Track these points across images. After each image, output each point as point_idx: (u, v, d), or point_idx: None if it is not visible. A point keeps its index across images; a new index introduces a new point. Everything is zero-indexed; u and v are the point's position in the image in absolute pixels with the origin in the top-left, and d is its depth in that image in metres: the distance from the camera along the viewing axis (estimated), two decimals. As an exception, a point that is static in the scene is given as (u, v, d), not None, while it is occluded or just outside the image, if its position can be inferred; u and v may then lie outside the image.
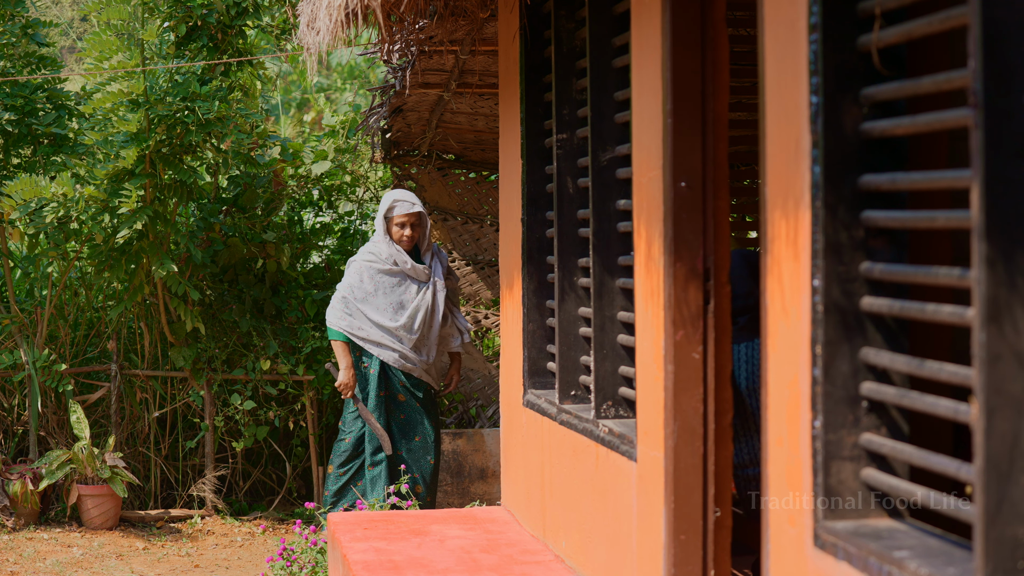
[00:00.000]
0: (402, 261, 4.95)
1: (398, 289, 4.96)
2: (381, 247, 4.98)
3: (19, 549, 5.39)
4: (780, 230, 2.00)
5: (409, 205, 4.99)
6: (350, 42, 3.64)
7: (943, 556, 1.65)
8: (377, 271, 4.97)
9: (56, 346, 6.12)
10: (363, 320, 4.97)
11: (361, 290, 4.97)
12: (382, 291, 4.96)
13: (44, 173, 5.85)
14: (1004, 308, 1.45)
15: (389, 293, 4.96)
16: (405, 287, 4.97)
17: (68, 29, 10.66)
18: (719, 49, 2.57)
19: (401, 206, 4.99)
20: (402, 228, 4.97)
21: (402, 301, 4.97)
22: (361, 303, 4.97)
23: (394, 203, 4.98)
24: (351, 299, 4.99)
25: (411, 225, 4.98)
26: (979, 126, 1.45)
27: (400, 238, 4.96)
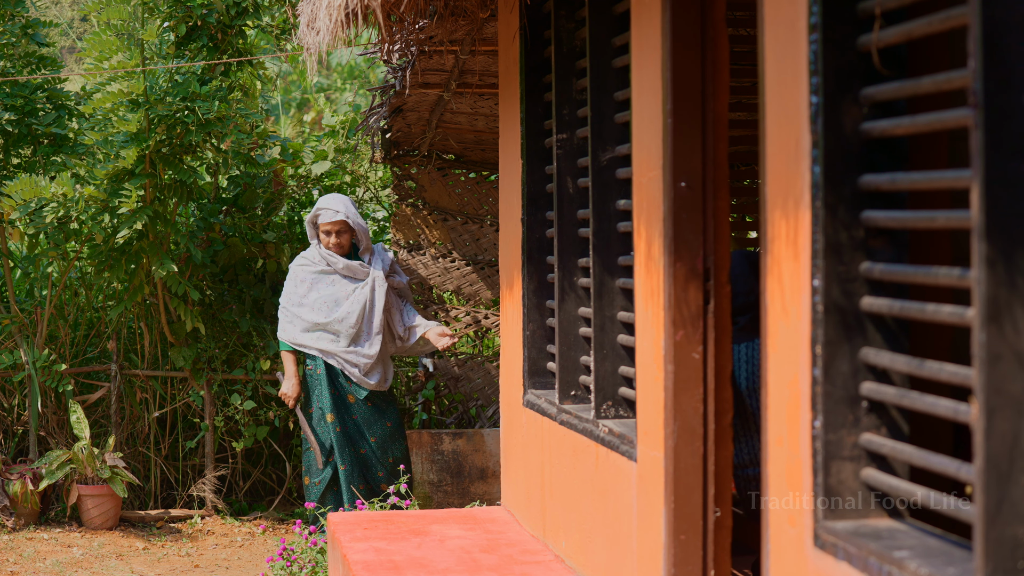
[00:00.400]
0: (334, 261, 4.97)
1: (332, 287, 4.97)
2: (312, 251, 5.04)
3: (19, 549, 5.39)
4: (780, 230, 2.00)
5: (332, 213, 4.96)
6: (350, 42, 3.64)
7: (943, 556, 1.65)
8: (310, 272, 4.99)
9: (56, 346, 6.12)
10: (301, 323, 4.98)
11: (296, 295, 4.99)
12: (316, 290, 4.96)
13: (44, 173, 5.85)
14: (1004, 308, 1.45)
15: (323, 292, 4.96)
16: (340, 285, 4.97)
17: (68, 29, 10.66)
18: (719, 49, 2.57)
19: (325, 214, 4.98)
20: (328, 236, 4.99)
21: (337, 298, 4.96)
22: (298, 307, 4.97)
23: (319, 211, 4.99)
24: (289, 307, 5.01)
25: (336, 233, 4.98)
26: (979, 126, 1.45)
27: (327, 245, 4.98)
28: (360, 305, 4.95)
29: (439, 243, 6.36)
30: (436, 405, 6.26)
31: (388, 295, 5.03)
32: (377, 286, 4.98)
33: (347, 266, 4.97)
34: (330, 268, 4.97)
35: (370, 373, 5.02)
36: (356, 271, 4.98)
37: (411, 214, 6.34)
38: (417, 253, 6.33)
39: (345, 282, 4.98)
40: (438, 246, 6.36)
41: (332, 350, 4.97)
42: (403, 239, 6.33)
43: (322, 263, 4.98)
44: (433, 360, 6.27)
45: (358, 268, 4.99)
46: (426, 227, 6.38)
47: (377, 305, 4.97)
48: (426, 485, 5.86)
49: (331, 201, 5.01)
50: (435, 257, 6.36)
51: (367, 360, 4.97)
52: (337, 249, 4.98)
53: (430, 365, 6.23)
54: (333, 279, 4.98)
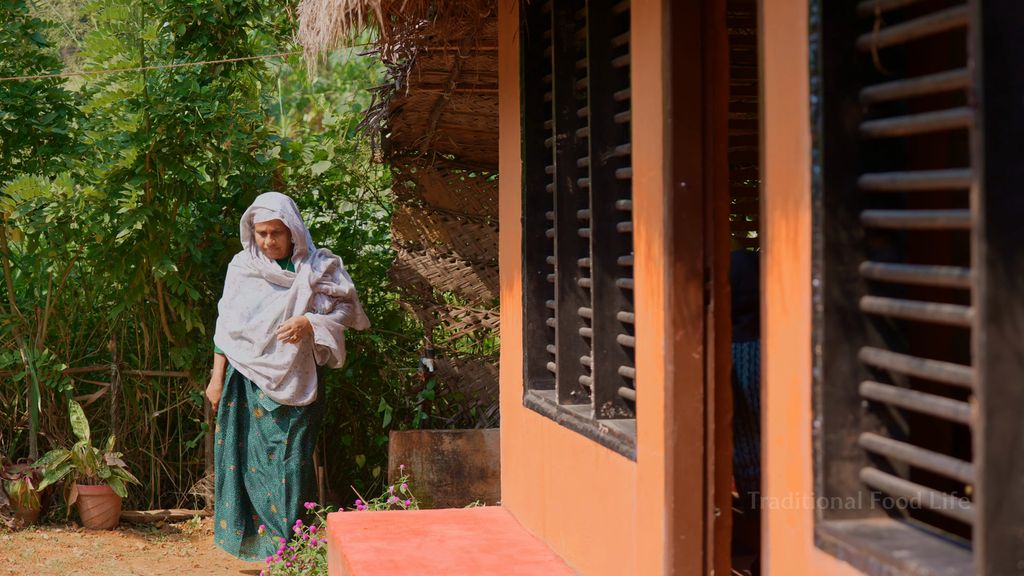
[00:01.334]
0: (260, 267, 4.73)
1: (257, 293, 4.74)
2: (245, 253, 4.80)
3: (19, 549, 5.39)
4: (780, 230, 2.00)
5: (267, 212, 4.69)
6: (350, 42, 3.64)
7: (943, 556, 1.65)
8: (239, 275, 4.79)
9: (56, 346, 6.12)
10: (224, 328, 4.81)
11: (227, 297, 4.82)
12: (241, 295, 4.75)
13: (44, 173, 5.85)
14: (1004, 308, 1.45)
15: (248, 296, 4.74)
16: (264, 291, 4.73)
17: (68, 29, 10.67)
18: (719, 49, 2.57)
19: (260, 213, 4.71)
20: (263, 236, 4.73)
21: (259, 304, 4.73)
22: (227, 309, 4.81)
23: (254, 210, 4.73)
24: (221, 308, 4.84)
25: (272, 233, 4.71)
26: (979, 126, 1.45)
27: (262, 246, 4.72)
28: (275, 314, 4.67)
29: (439, 243, 6.36)
30: (436, 405, 6.26)
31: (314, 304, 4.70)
32: (299, 295, 4.66)
33: (272, 274, 4.70)
34: (257, 272, 4.72)
35: (282, 386, 4.70)
36: (281, 280, 4.71)
37: (411, 214, 6.34)
38: (417, 253, 6.33)
39: (270, 288, 4.72)
40: (438, 246, 6.36)
41: (244, 360, 4.72)
42: (403, 239, 6.33)
43: (251, 267, 4.75)
44: (433, 360, 6.27)
45: (283, 277, 4.71)
46: (426, 227, 6.38)
47: (296, 315, 4.66)
48: (426, 485, 5.86)
49: (268, 200, 4.74)
50: (435, 257, 6.36)
51: (277, 371, 4.66)
52: (272, 251, 4.71)
53: (430, 365, 6.23)
54: (259, 284, 4.73)
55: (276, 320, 4.66)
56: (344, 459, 6.50)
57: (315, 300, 4.68)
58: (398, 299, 6.43)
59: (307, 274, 4.67)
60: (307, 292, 4.65)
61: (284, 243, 4.70)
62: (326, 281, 4.71)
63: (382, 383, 6.43)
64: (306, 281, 4.68)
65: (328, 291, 4.72)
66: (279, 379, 4.66)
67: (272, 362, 4.65)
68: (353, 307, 4.79)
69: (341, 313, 4.74)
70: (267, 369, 4.65)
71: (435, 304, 6.36)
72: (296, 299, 4.66)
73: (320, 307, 4.69)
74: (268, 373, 4.65)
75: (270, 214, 4.66)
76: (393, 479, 5.74)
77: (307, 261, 4.71)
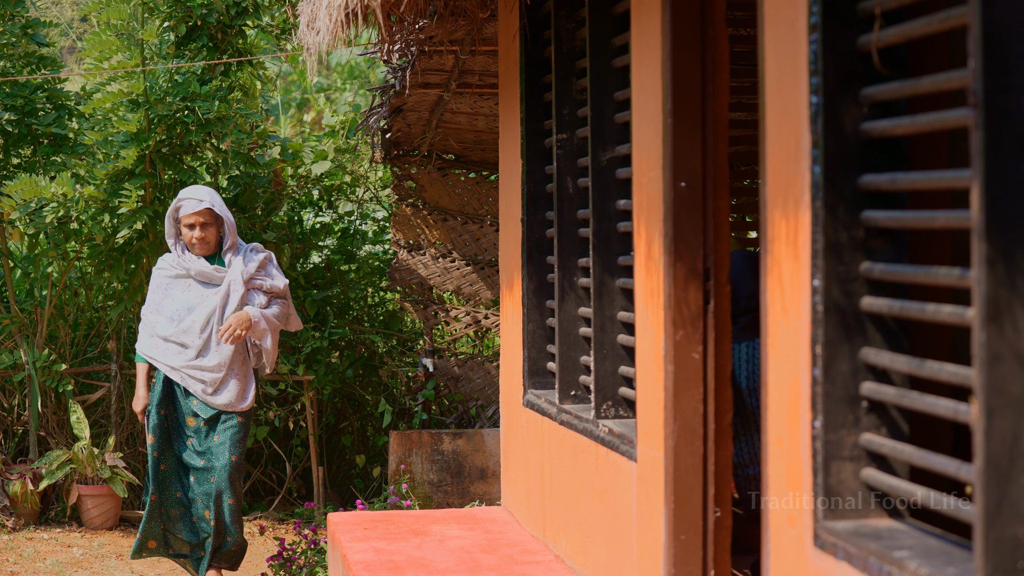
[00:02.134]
0: (189, 265, 4.32)
1: (187, 294, 4.34)
2: (168, 255, 4.42)
3: (19, 549, 5.39)
4: (780, 230, 2.00)
5: (196, 203, 4.29)
6: (350, 42, 3.64)
7: (943, 556, 1.65)
8: (165, 277, 4.39)
9: (56, 346, 6.12)
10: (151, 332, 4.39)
11: (153, 302, 4.41)
12: (169, 297, 4.36)
13: (44, 173, 5.86)
14: (1004, 308, 1.45)
15: (177, 299, 4.35)
16: (195, 291, 4.34)
17: (68, 29, 10.66)
18: (719, 49, 2.57)
19: (187, 204, 4.30)
20: (191, 229, 4.31)
21: (190, 306, 4.33)
22: (154, 315, 4.39)
23: (180, 202, 4.33)
24: (147, 314, 4.42)
25: (201, 225, 4.30)
26: (979, 126, 1.45)
27: (191, 241, 4.31)
28: (206, 313, 4.28)
29: (439, 243, 6.36)
30: (436, 405, 6.26)
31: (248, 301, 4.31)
32: (232, 291, 4.27)
33: (200, 271, 4.30)
34: (185, 272, 4.33)
35: (218, 390, 4.30)
36: (211, 277, 4.31)
37: (411, 214, 6.34)
38: (417, 253, 6.33)
39: (200, 288, 4.33)
40: (438, 246, 6.36)
41: (176, 364, 4.32)
42: (403, 239, 6.33)
43: (178, 267, 4.34)
44: (433, 360, 6.27)
45: (213, 273, 4.31)
46: (426, 227, 6.38)
47: (228, 311, 4.27)
48: (426, 485, 5.86)
49: (194, 191, 4.35)
50: (435, 257, 6.36)
51: (213, 375, 4.27)
52: (201, 245, 4.30)
53: (430, 365, 6.23)
54: (187, 284, 4.34)
55: (209, 320, 4.29)
56: (344, 459, 6.50)
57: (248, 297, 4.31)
58: (398, 299, 6.44)
59: (239, 269, 4.29)
60: (240, 288, 4.27)
61: (214, 236, 4.32)
62: (260, 276, 4.35)
63: (382, 383, 6.43)
64: (239, 276, 4.29)
65: (263, 287, 4.34)
66: (215, 382, 4.28)
67: (206, 364, 4.27)
68: (288, 304, 4.42)
69: (277, 309, 4.38)
70: (202, 372, 4.28)
71: (435, 304, 6.37)
72: (229, 296, 4.28)
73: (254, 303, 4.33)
74: (203, 377, 4.28)
75: (198, 204, 4.28)
76: (393, 479, 5.74)
77: (238, 255, 4.34)
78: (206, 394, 4.28)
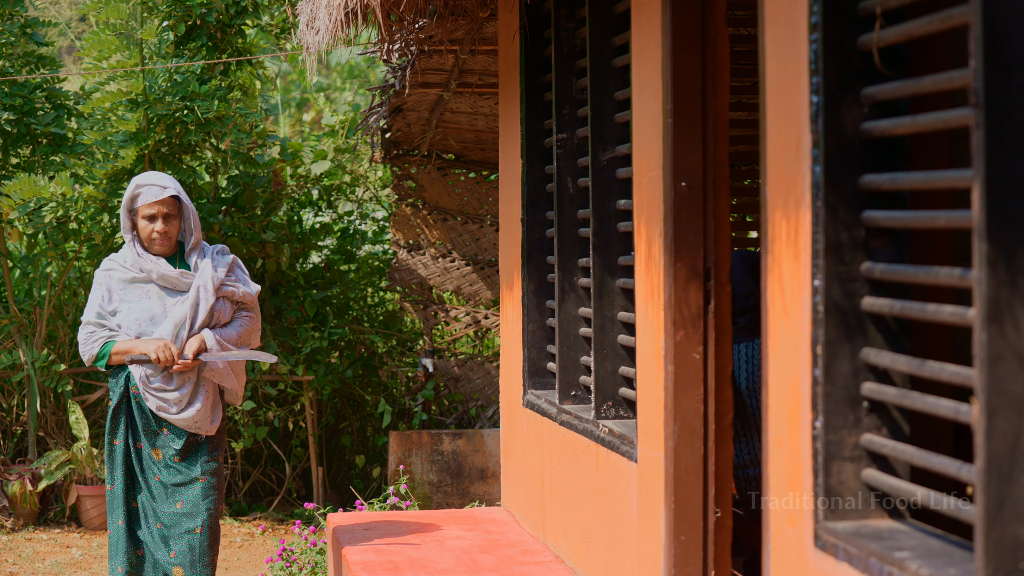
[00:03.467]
0: (147, 268, 3.59)
1: (147, 302, 3.60)
2: (125, 252, 3.64)
3: (18, 550, 5.39)
4: (781, 230, 1.99)
5: (159, 190, 3.58)
6: (350, 41, 3.64)
7: (944, 557, 1.65)
8: (118, 280, 3.61)
9: (55, 346, 6.11)
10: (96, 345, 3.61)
11: (99, 308, 3.62)
12: (126, 304, 3.60)
13: (43, 173, 5.85)
14: (1005, 308, 1.45)
15: (135, 306, 3.59)
16: (156, 299, 3.60)
17: (67, 28, 10.66)
18: (719, 48, 2.56)
19: (147, 192, 3.58)
20: (151, 222, 3.58)
21: (153, 315, 3.59)
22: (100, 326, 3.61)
23: (138, 190, 3.60)
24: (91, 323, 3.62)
25: (164, 217, 3.58)
26: (980, 125, 1.45)
27: (151, 236, 3.59)
28: (173, 326, 3.56)
29: (439, 243, 6.36)
30: (436, 405, 6.26)
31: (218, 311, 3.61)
32: (201, 300, 3.57)
33: (164, 275, 3.58)
34: (143, 275, 3.59)
35: (186, 409, 3.58)
36: (175, 282, 3.60)
37: (411, 214, 6.34)
38: (417, 253, 6.33)
39: (163, 294, 3.60)
40: (438, 246, 6.36)
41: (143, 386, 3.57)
42: (403, 239, 6.33)
43: (134, 268, 3.60)
44: (433, 360, 6.27)
45: (178, 279, 3.59)
46: (426, 227, 6.38)
47: (198, 323, 3.56)
48: (426, 485, 5.86)
49: (154, 176, 3.64)
50: (435, 257, 6.35)
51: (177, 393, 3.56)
52: (163, 241, 3.59)
53: (430, 365, 6.23)
54: (147, 290, 3.60)
55: (177, 334, 3.56)
56: (344, 460, 6.49)
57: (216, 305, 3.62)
58: (398, 299, 6.43)
59: (209, 274, 3.59)
60: (210, 296, 3.57)
61: (176, 231, 3.62)
62: (230, 282, 3.64)
63: (382, 383, 6.43)
64: (209, 282, 3.58)
65: (234, 294, 3.63)
66: (180, 400, 3.58)
67: (169, 385, 3.57)
68: (257, 318, 3.73)
69: (241, 326, 3.66)
70: (165, 393, 3.57)
71: (435, 304, 6.36)
72: (198, 306, 3.57)
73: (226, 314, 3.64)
74: (167, 396, 3.57)
75: (161, 191, 3.57)
76: (393, 480, 5.74)
77: (204, 257, 3.64)
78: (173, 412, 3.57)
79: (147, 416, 3.60)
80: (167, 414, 3.58)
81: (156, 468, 3.60)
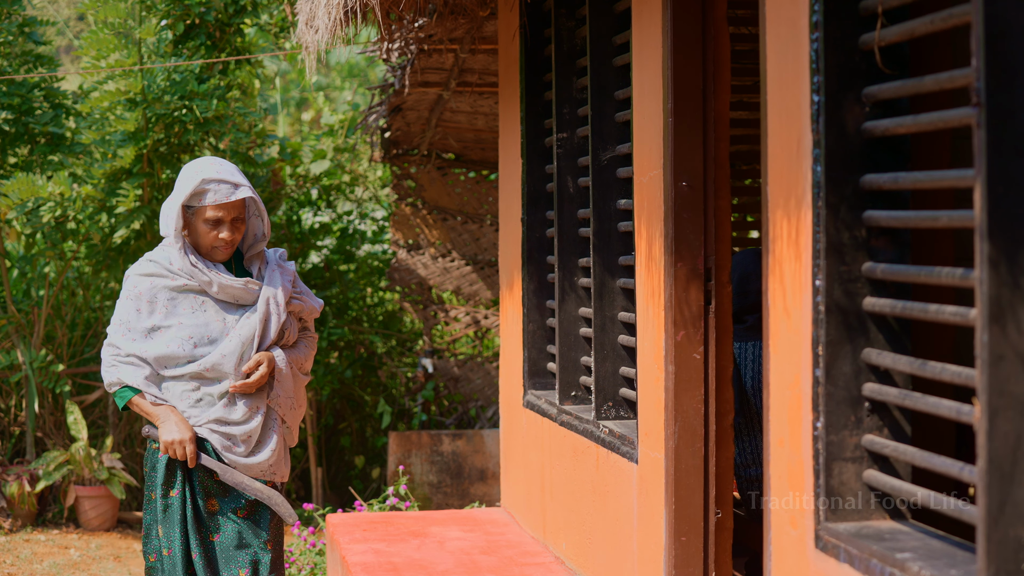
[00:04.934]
0: (206, 277, 2.88)
1: (200, 316, 2.89)
2: (170, 253, 2.89)
3: (16, 551, 5.38)
4: (782, 230, 1.99)
5: (230, 189, 2.85)
6: (349, 40, 3.63)
7: (946, 558, 1.64)
8: (166, 290, 2.89)
9: (53, 346, 6.11)
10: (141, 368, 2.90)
11: (140, 326, 2.89)
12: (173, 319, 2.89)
13: (41, 172, 5.84)
14: (1007, 308, 1.44)
15: (189, 323, 2.89)
16: (212, 313, 2.89)
17: (65, 27, 10.66)
18: (720, 48, 2.56)
19: (218, 191, 2.84)
20: (215, 227, 2.87)
21: (210, 334, 2.89)
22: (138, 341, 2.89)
23: (205, 186, 2.84)
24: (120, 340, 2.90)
25: (232, 223, 2.88)
26: (982, 125, 1.44)
27: (213, 243, 2.88)
28: (240, 344, 2.87)
29: (438, 243, 6.36)
30: (436, 406, 6.26)
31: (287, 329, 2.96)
32: (272, 314, 2.90)
33: (226, 286, 2.88)
34: (196, 285, 2.88)
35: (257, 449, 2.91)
36: (239, 294, 2.90)
37: (410, 214, 6.33)
38: (416, 253, 6.33)
39: (219, 308, 2.90)
40: (437, 246, 6.36)
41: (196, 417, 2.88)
42: (402, 239, 6.32)
43: (184, 274, 2.88)
44: (432, 360, 6.26)
45: (243, 291, 2.90)
46: (425, 227, 6.37)
47: (267, 343, 2.90)
48: (425, 486, 5.85)
49: (220, 169, 2.88)
50: (434, 257, 6.35)
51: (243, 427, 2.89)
52: (226, 250, 2.89)
53: (429, 366, 6.23)
54: (202, 302, 2.90)
55: (243, 355, 2.88)
56: (343, 460, 6.49)
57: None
58: (397, 299, 6.43)
59: (280, 284, 2.94)
60: (282, 312, 2.92)
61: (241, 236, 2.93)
62: (296, 294, 3.01)
63: (381, 384, 6.42)
64: (280, 294, 2.93)
65: (302, 309, 3.01)
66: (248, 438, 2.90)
67: (233, 416, 2.88)
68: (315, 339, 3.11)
69: (307, 347, 3.04)
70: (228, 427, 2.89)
71: (434, 304, 6.36)
72: (268, 321, 2.91)
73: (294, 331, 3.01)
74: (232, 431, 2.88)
75: (233, 191, 2.85)
76: (392, 480, 5.73)
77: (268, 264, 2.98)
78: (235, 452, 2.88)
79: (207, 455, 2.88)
80: (233, 455, 2.88)
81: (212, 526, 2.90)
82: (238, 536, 2.90)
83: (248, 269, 2.98)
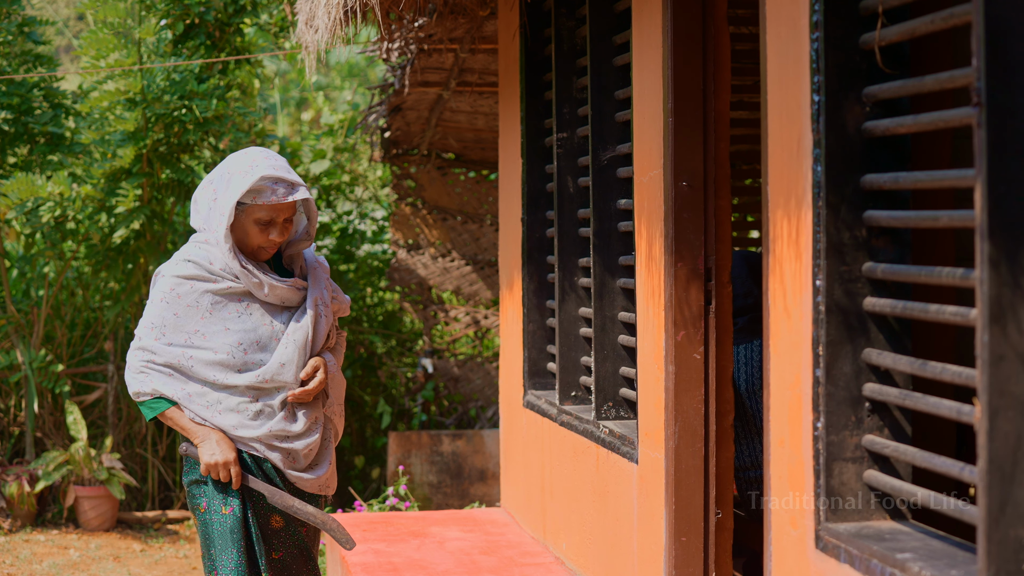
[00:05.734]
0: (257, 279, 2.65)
1: (247, 320, 2.67)
2: (211, 252, 2.66)
3: (16, 551, 5.38)
4: (782, 230, 1.99)
5: (287, 189, 2.61)
6: (349, 40, 3.63)
7: (946, 558, 1.64)
8: (209, 293, 2.66)
9: (53, 347, 6.10)
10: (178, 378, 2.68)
11: (180, 332, 2.66)
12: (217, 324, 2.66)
13: (40, 172, 5.84)
14: (1007, 308, 1.44)
15: (236, 328, 2.66)
16: (257, 317, 2.67)
17: (64, 27, 10.65)
18: (720, 47, 2.56)
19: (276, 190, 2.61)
20: (267, 228, 2.65)
21: (259, 339, 2.67)
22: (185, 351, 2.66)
23: (262, 183, 2.60)
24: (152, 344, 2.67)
25: (283, 223, 2.66)
26: (982, 125, 1.44)
27: (259, 244, 2.65)
28: (294, 349, 2.66)
29: (438, 243, 6.35)
30: (435, 406, 6.25)
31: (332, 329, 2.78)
32: (322, 315, 2.72)
33: (274, 288, 2.67)
34: (240, 286, 2.65)
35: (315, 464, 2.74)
36: (286, 296, 2.69)
37: (410, 213, 6.33)
38: (416, 253, 6.32)
39: (264, 311, 2.68)
40: (437, 246, 6.36)
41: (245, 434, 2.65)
42: (402, 239, 6.32)
43: (227, 275, 2.65)
44: (432, 361, 6.26)
45: (290, 292, 2.69)
46: (425, 226, 6.37)
47: (319, 346, 2.71)
48: (425, 486, 5.85)
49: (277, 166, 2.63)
50: (434, 257, 6.35)
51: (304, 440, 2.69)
52: (274, 250, 2.69)
53: (429, 366, 6.22)
54: (248, 307, 2.67)
55: (302, 361, 2.67)
56: (343, 460, 6.48)
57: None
58: (397, 299, 6.43)
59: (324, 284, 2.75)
60: (329, 313, 2.74)
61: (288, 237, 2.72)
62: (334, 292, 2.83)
63: (381, 384, 6.42)
64: (325, 293, 2.75)
65: (339, 309, 2.84)
66: (308, 453, 2.70)
67: (294, 428, 2.67)
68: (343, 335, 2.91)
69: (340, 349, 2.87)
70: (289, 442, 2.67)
71: (434, 304, 6.35)
72: (318, 323, 2.71)
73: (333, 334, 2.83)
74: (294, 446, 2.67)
75: (290, 191, 2.61)
76: (392, 480, 5.73)
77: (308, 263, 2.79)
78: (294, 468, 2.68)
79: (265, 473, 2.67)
80: (295, 471, 2.67)
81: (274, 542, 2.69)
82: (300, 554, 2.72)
83: (289, 268, 2.76)
